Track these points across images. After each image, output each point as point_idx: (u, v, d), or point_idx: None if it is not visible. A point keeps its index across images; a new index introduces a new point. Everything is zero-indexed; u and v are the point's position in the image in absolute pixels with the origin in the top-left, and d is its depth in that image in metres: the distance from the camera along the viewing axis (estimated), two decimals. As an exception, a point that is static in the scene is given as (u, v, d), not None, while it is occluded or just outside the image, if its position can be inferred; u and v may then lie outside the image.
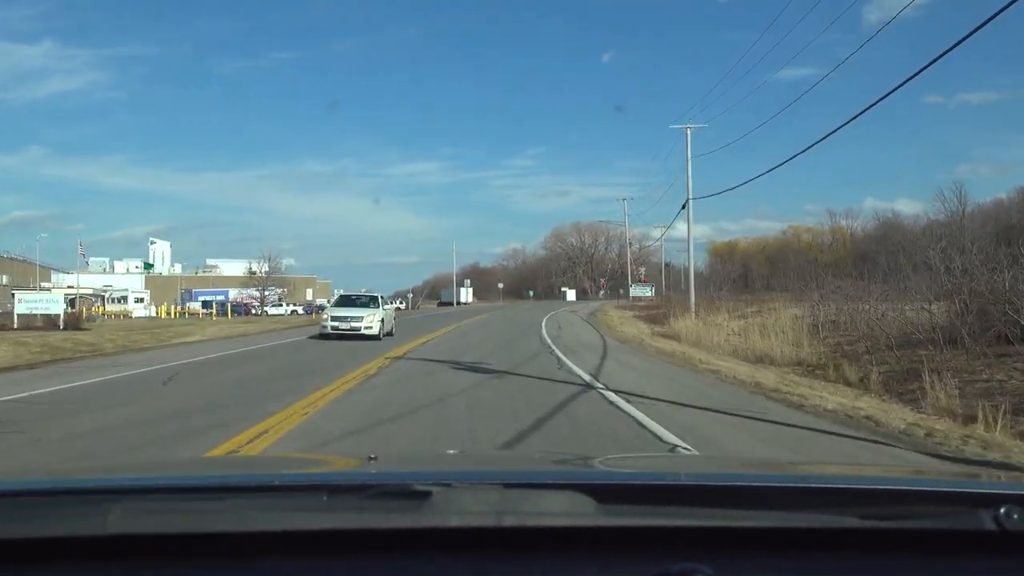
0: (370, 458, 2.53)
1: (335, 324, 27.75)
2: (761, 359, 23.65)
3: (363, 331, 27.34)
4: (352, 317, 27.81)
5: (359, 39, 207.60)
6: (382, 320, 28.21)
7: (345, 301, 30.76)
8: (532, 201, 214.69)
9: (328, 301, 54.47)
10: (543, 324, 41.96)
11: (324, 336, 27.67)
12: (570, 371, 16.72)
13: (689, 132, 47.92)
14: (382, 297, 30.78)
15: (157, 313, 78.42)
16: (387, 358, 19.68)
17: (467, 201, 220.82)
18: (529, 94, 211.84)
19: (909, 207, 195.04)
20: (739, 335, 29.36)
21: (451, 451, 6.94)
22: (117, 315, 72.00)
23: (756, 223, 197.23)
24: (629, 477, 2.38)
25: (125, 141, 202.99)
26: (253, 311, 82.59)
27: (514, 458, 5.12)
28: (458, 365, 17.78)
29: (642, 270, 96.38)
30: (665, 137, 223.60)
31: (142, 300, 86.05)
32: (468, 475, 2.13)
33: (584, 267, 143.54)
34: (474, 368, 17.12)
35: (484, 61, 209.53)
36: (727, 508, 1.77)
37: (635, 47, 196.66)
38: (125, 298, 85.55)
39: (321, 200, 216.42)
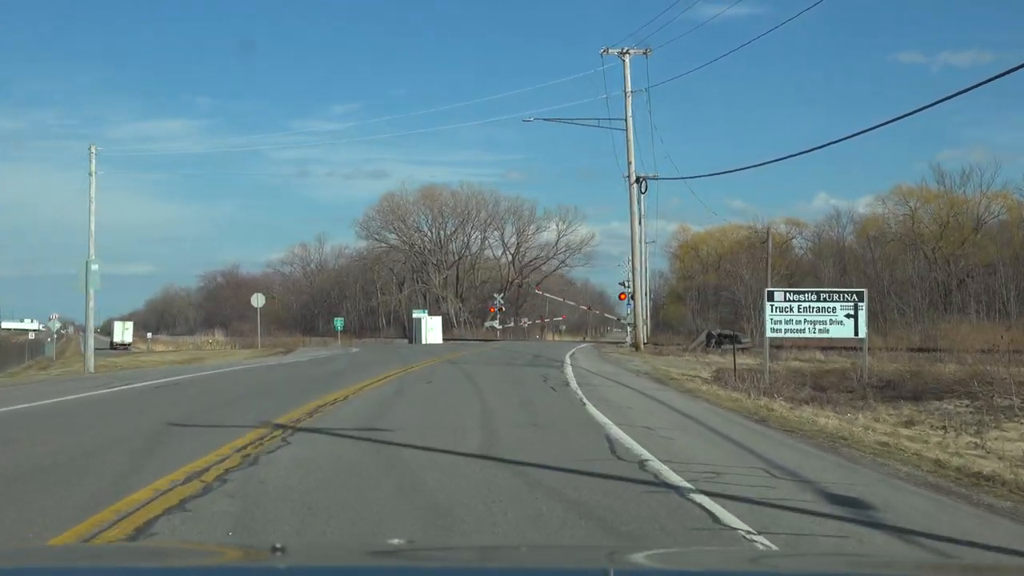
0: (275, 549, 2.15)
1: None
2: None
3: None
4: None
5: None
6: None
7: None
8: (333, 185, 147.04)
9: None
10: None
11: None
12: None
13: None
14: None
15: None
16: None
17: (232, 182, 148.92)
18: (336, 16, 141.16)
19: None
20: None
21: (395, 540, 4.85)
22: None
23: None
24: None
25: None
26: None
27: (490, 554, 3.38)
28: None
29: (624, 276, 43.67)
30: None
31: None
32: None
33: (448, 274, 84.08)
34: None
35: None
36: None
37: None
38: None
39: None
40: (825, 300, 20.13)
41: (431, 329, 59.88)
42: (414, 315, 64.98)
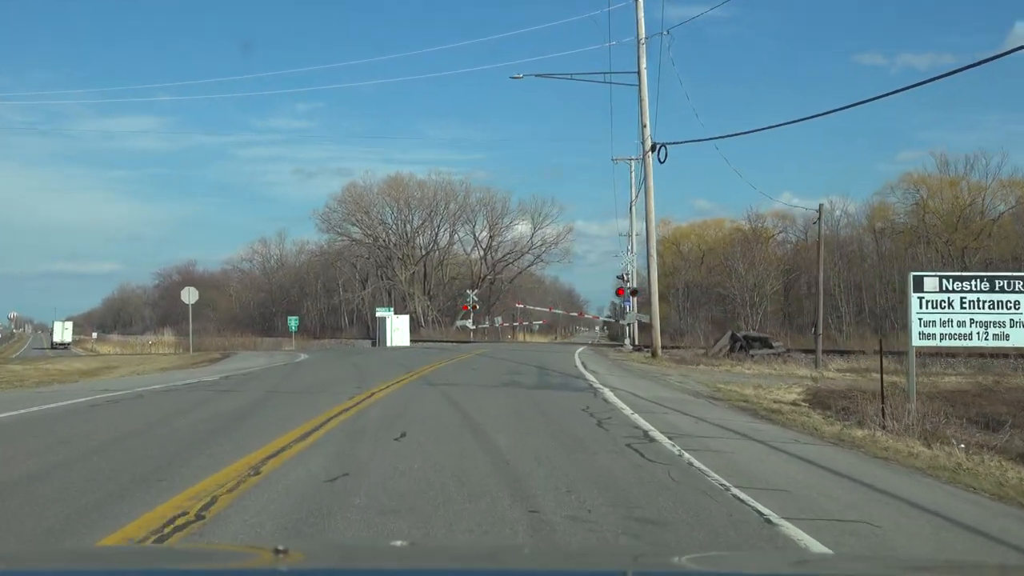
0: (278, 551, 2.05)
1: None
2: None
3: None
4: None
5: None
6: None
7: None
8: (297, 183, 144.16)
9: None
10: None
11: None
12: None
13: None
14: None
15: None
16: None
17: (197, 180, 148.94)
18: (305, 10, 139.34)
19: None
20: None
21: (398, 542, 4.68)
22: None
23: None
24: None
25: None
26: None
27: (497, 555, 3.19)
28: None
29: (627, 273, 37.68)
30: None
31: None
32: None
33: (415, 270, 76.84)
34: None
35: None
36: None
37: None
38: None
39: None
40: (1003, 291, 13.43)
41: (397, 329, 52.74)
42: (378, 313, 57.82)
